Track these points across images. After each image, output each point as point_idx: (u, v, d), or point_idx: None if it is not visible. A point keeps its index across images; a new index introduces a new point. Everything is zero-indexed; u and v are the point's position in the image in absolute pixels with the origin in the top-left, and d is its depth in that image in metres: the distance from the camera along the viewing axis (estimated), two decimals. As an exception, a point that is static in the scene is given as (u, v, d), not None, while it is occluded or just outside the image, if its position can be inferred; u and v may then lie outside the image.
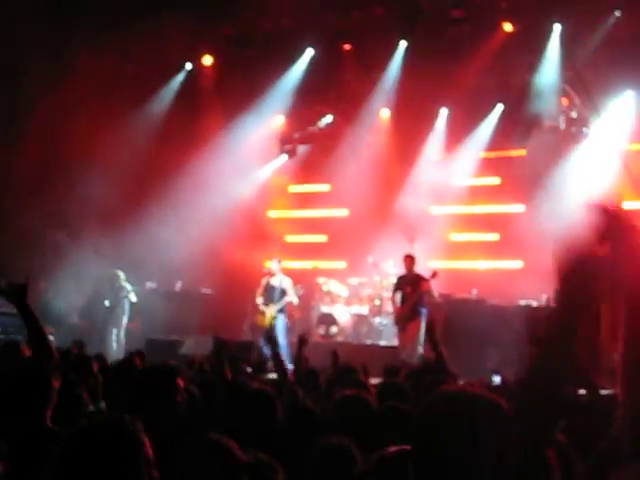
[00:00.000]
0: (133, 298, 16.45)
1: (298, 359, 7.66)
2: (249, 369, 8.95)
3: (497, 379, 9.41)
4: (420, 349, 14.03)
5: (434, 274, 14.35)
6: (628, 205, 16.14)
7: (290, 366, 7.74)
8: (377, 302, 16.59)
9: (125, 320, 16.43)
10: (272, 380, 8.20)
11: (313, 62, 18.34)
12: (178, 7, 17.25)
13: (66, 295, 16.90)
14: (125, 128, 17.85)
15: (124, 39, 17.99)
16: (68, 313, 16.70)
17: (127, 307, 16.42)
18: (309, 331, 16.56)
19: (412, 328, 14.15)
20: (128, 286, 16.52)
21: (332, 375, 7.33)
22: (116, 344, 16.05)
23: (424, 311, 14.32)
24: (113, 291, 16.48)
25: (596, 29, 15.24)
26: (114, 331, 16.25)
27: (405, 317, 14.32)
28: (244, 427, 4.30)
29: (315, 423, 4.81)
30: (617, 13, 15.42)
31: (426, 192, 17.50)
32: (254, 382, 6.80)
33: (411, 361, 12.99)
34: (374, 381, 8.41)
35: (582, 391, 7.04)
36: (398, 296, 14.64)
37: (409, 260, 14.63)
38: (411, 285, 14.38)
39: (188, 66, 19.22)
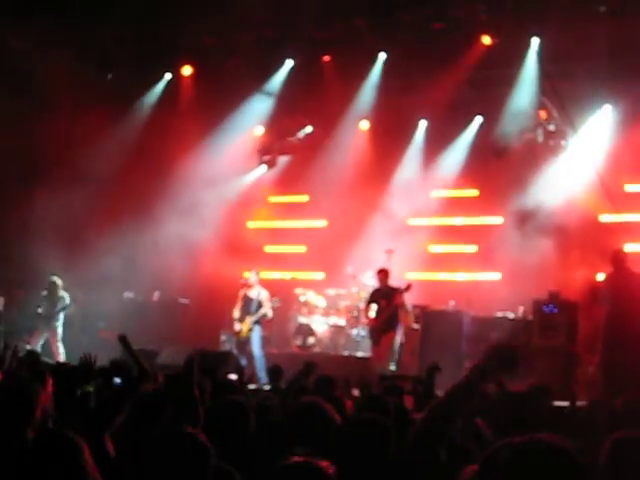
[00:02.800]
0: (67, 301, 16.06)
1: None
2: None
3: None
4: (393, 363, 14.09)
5: (408, 287, 14.39)
6: (605, 219, 16.30)
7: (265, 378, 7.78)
8: (355, 313, 16.58)
9: (60, 327, 16.08)
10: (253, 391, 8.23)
11: (293, 73, 18.35)
12: (159, 16, 17.29)
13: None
14: (103, 139, 17.81)
15: (104, 48, 18.03)
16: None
17: (61, 313, 16.05)
18: (286, 342, 16.61)
19: (386, 341, 14.19)
20: (64, 294, 16.20)
21: (299, 384, 7.33)
22: (58, 354, 15.67)
23: (399, 325, 14.37)
24: (49, 299, 16.17)
25: (574, 43, 15.31)
26: (45, 337, 15.95)
27: (379, 330, 14.37)
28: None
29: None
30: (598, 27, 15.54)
31: (405, 203, 17.54)
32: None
33: (384, 374, 12.99)
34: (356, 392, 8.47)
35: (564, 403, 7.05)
36: (372, 308, 14.67)
37: (383, 274, 14.73)
38: (386, 298, 14.42)
39: (167, 76, 19.15)
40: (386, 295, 14.44)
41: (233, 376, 8.24)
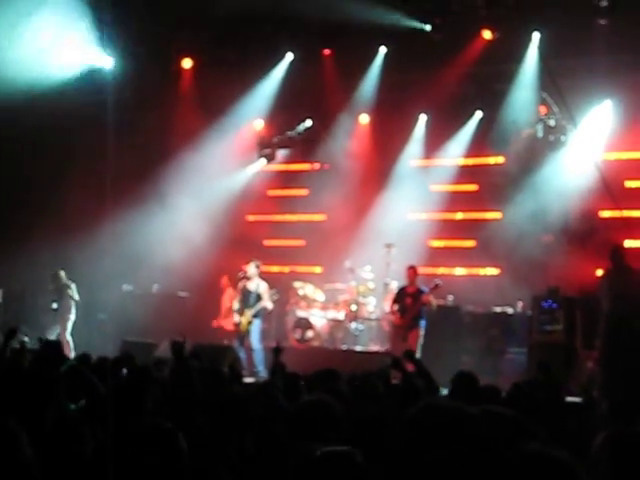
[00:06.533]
0: (75, 296, 16.18)
1: (275, 368, 7.63)
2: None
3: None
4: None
5: (436, 286, 14.51)
6: (605, 215, 16.30)
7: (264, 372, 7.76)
8: (353, 307, 16.57)
9: (71, 320, 16.12)
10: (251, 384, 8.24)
11: (293, 66, 18.33)
12: (160, 9, 17.25)
13: (42, 296, 16.88)
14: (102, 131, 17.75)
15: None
16: (42, 312, 16.70)
17: (72, 306, 16.18)
18: (284, 335, 16.59)
19: (412, 337, 14.30)
20: (70, 284, 16.30)
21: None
22: (68, 348, 15.69)
23: (423, 323, 14.46)
24: (57, 292, 16.27)
25: (575, 38, 15.30)
26: (57, 331, 15.97)
27: (406, 327, 14.47)
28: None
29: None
30: (599, 22, 15.54)
31: (404, 198, 17.53)
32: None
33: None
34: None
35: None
36: (397, 306, 14.75)
37: (412, 272, 14.77)
38: (412, 297, 14.53)
39: (169, 68, 19.09)
40: (412, 294, 14.57)
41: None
